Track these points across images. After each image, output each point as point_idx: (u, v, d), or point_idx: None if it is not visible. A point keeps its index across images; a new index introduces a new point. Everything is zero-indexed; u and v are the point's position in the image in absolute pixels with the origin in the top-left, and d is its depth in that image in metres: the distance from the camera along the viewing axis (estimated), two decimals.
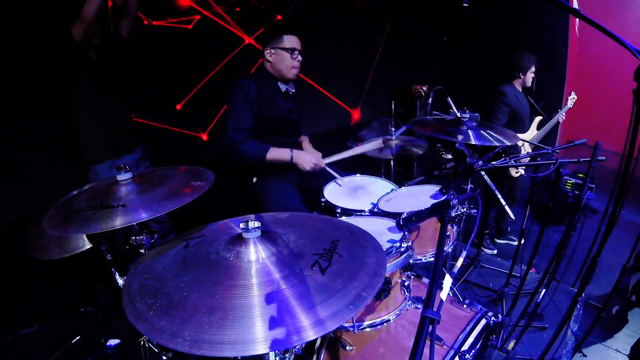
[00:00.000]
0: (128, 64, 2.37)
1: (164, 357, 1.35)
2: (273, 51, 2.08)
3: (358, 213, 1.74)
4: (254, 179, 2.18)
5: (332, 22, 3.83)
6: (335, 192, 1.98)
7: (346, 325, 1.27)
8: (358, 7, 3.99)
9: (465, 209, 1.75)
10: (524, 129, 3.06)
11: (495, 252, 3.16)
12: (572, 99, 3.15)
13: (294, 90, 2.23)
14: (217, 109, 3.06)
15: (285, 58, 2.07)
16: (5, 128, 2.22)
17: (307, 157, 2.06)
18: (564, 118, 3.14)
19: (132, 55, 2.37)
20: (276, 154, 2.04)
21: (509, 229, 3.29)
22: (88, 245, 1.34)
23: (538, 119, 3.11)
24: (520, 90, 3.07)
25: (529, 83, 3.05)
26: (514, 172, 2.96)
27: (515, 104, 2.97)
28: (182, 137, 3.06)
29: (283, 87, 2.15)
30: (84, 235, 1.34)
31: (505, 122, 2.95)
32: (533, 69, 3.00)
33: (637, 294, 2.45)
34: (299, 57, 2.09)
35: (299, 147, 2.29)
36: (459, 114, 1.96)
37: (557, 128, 4.39)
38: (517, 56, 2.99)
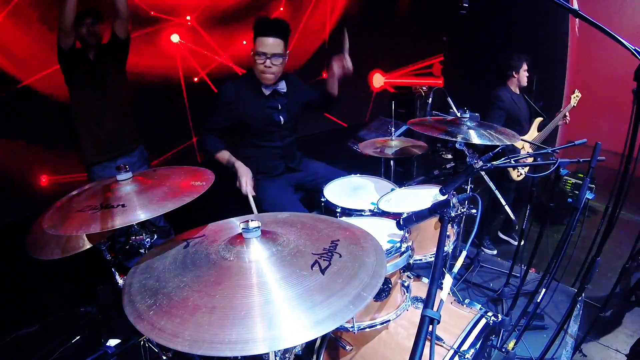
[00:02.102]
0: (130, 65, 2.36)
1: (164, 357, 1.35)
2: (252, 53, 1.99)
3: (358, 213, 1.74)
4: None
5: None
6: (335, 192, 1.98)
7: (346, 325, 1.27)
8: None
9: (465, 209, 1.75)
10: (523, 132, 3.02)
11: (495, 252, 3.15)
12: (575, 97, 3.04)
13: (285, 90, 2.12)
14: None
15: (255, 62, 1.97)
16: (7, 127, 2.22)
17: (242, 175, 1.95)
18: (568, 118, 3.06)
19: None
20: (224, 157, 2.08)
21: (516, 227, 3.26)
22: (88, 245, 1.34)
23: (538, 120, 3.06)
24: (517, 92, 3.04)
25: (524, 82, 3.01)
26: (515, 175, 2.94)
27: (511, 107, 2.93)
28: (183, 136, 3.06)
29: (266, 90, 2.07)
30: (84, 235, 1.34)
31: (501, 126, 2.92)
32: (525, 67, 2.96)
33: (637, 294, 2.45)
34: (268, 62, 1.94)
35: (294, 149, 2.29)
36: (459, 114, 1.96)
37: (557, 128, 4.39)
38: (508, 56, 2.97)
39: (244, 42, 3.25)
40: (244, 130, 2.11)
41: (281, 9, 3.72)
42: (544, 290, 1.74)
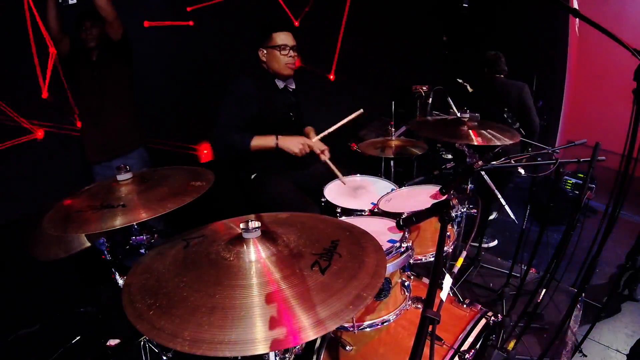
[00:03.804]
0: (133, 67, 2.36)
1: (164, 357, 1.35)
2: (265, 51, 2.10)
3: (358, 213, 1.74)
4: (252, 176, 2.18)
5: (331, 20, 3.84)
6: (335, 192, 1.98)
7: (346, 325, 1.27)
8: None
9: (465, 209, 1.75)
10: None
11: (495, 242, 3.14)
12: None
13: (293, 87, 2.23)
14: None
15: (276, 56, 2.07)
16: (8, 125, 2.22)
17: (294, 140, 2.03)
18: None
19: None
20: (261, 141, 2.02)
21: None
22: (88, 244, 1.34)
23: None
24: None
25: None
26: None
27: None
28: (182, 137, 3.06)
29: (280, 84, 2.16)
30: (84, 235, 1.34)
31: None
32: None
33: (629, 287, 2.47)
34: (291, 53, 2.09)
35: None
36: (459, 114, 1.96)
37: (556, 128, 4.40)
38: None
39: None
40: (256, 125, 2.09)
41: None
42: (544, 290, 1.74)
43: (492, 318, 1.43)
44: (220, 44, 3.03)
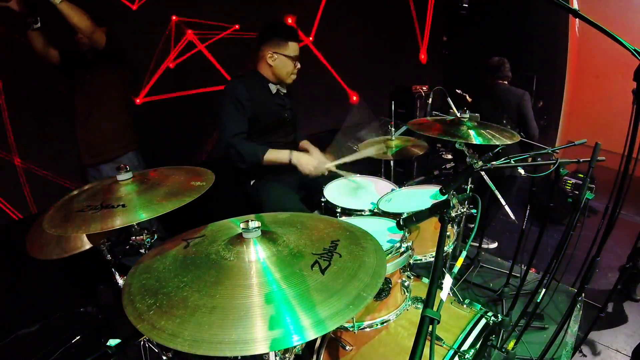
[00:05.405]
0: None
1: (164, 357, 1.35)
2: (276, 56, 2.06)
3: (358, 213, 1.74)
4: (252, 182, 2.18)
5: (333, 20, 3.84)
6: (335, 192, 1.98)
7: (346, 325, 1.27)
8: None
9: (465, 209, 1.75)
10: None
11: (495, 244, 3.14)
12: None
13: (285, 91, 2.23)
14: None
15: (287, 65, 2.08)
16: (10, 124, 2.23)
17: (309, 160, 2.03)
18: None
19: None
20: (274, 155, 2.02)
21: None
22: (88, 246, 1.34)
23: None
24: None
25: None
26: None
27: None
28: (181, 137, 3.06)
29: (274, 88, 2.15)
30: (84, 235, 1.34)
31: None
32: None
33: (629, 287, 2.48)
34: (298, 65, 2.12)
35: (295, 146, 2.29)
36: (459, 114, 1.96)
37: (556, 128, 4.40)
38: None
39: None
40: (252, 127, 2.09)
41: None
42: (544, 290, 1.74)
43: (492, 318, 1.43)
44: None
